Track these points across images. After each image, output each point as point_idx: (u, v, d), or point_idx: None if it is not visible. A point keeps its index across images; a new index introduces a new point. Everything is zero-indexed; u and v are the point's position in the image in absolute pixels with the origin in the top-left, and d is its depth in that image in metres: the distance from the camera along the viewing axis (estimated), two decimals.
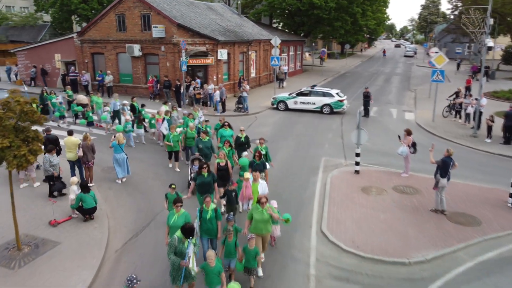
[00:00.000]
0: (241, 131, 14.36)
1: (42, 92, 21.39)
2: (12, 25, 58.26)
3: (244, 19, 37.20)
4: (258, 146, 12.97)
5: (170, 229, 8.35)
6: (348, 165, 15.60)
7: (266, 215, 8.54)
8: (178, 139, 14.54)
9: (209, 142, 13.44)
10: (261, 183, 10.53)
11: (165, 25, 25.43)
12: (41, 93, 21.38)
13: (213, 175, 10.53)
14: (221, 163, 11.54)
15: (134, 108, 19.38)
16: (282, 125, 21.94)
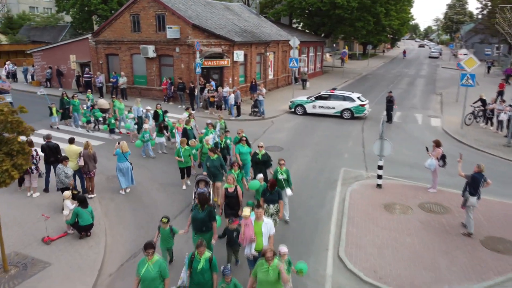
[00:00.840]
0: (260, 147, 12.32)
1: (62, 95, 20.35)
2: (34, 26, 58.86)
3: (262, 19, 36.19)
4: (277, 168, 10.91)
5: (140, 282, 6.87)
6: (370, 177, 14.38)
7: (273, 276, 6.75)
8: (190, 153, 13.02)
9: (217, 161, 11.68)
10: (266, 223, 8.24)
11: (180, 26, 24.64)
12: (61, 97, 20.39)
13: (211, 212, 8.54)
14: (229, 189, 9.73)
15: (157, 115, 18.11)
16: (299, 131, 20.82)
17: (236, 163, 11.41)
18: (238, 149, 12.96)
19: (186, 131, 15.39)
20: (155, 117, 18.15)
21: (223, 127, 15.85)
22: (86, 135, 19.11)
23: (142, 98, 26.99)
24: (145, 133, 16.05)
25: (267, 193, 9.76)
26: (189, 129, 15.45)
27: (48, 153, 12.36)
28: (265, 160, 12.15)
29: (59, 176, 11.11)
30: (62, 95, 20.38)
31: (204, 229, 8.50)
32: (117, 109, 19.49)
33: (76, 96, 20.59)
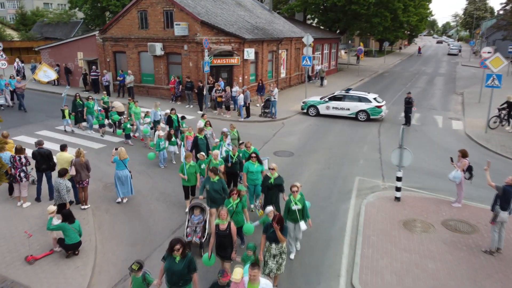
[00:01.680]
0: (272, 170, 10.18)
1: (75, 97, 19.06)
2: (46, 22, 58.71)
3: (275, 16, 35.02)
4: (290, 197, 8.97)
5: None
6: (387, 188, 13.24)
7: None
8: (195, 170, 11.18)
9: (219, 184, 9.80)
10: (263, 285, 6.43)
11: (188, 23, 23.70)
12: (74, 99, 19.08)
13: (190, 262, 6.80)
14: (221, 226, 7.86)
15: (170, 121, 16.47)
16: (312, 134, 19.70)
17: (236, 191, 9.09)
18: (246, 168, 11.09)
19: (197, 141, 13.50)
20: (169, 123, 16.55)
21: (236, 137, 14.44)
22: (100, 140, 18.01)
23: (150, 97, 26.28)
24: (160, 141, 14.60)
25: (270, 229, 7.73)
26: (201, 139, 13.56)
27: (40, 160, 11.53)
28: (278, 185, 10.15)
29: (59, 191, 10.10)
30: (75, 97, 19.14)
31: (181, 283, 6.81)
32: (133, 113, 17.80)
33: (92, 98, 19.04)
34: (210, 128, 15.33)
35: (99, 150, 16.62)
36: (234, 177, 12.02)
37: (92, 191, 12.66)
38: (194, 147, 13.49)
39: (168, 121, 16.59)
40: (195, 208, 9.42)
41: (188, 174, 11.05)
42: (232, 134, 14.33)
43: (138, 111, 18.05)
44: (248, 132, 19.53)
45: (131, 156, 15.74)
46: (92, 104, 18.80)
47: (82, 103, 18.86)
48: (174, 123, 16.46)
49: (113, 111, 18.60)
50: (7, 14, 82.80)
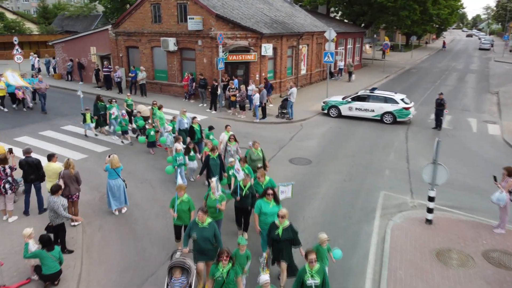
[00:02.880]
0: (281, 218, 7.70)
1: (97, 99, 17.54)
2: (67, 16, 58.51)
3: (296, 9, 33.30)
4: (305, 267, 6.69)
5: None
6: (416, 207, 11.64)
7: None
8: (188, 207, 8.76)
9: (210, 230, 7.59)
10: None
11: (202, 16, 22.36)
12: (95, 101, 17.55)
13: None
14: None
15: (193, 132, 14.40)
16: (332, 138, 18.12)
17: (225, 253, 6.66)
18: (259, 208, 8.56)
19: (208, 162, 11.26)
20: (191, 134, 14.50)
21: (259, 157, 11.52)
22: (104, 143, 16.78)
23: (163, 94, 25.20)
24: (177, 155, 12.26)
25: None
26: (213, 159, 11.18)
27: (28, 170, 10.44)
28: (288, 239, 7.73)
29: (56, 211, 8.73)
30: (97, 99, 17.58)
31: None
32: (158, 118, 16.04)
33: (115, 101, 17.25)
34: (235, 144, 12.71)
35: (102, 154, 15.49)
36: (245, 215, 9.69)
37: (86, 203, 11.58)
38: (204, 169, 11.46)
39: (190, 133, 14.55)
40: (175, 268, 7.16)
41: (179, 211, 8.70)
42: (256, 154, 11.62)
43: (162, 116, 16.22)
44: (263, 134, 18.13)
45: (143, 161, 14.86)
46: (116, 106, 17.09)
47: (104, 106, 17.33)
48: (197, 134, 14.41)
49: (138, 116, 16.62)
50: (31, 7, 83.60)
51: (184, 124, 15.17)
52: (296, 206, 11.43)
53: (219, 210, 8.84)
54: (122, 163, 14.50)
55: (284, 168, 14.37)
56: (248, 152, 11.71)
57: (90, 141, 16.82)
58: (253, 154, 11.57)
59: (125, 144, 16.61)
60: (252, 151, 11.61)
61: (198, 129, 14.39)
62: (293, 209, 11.19)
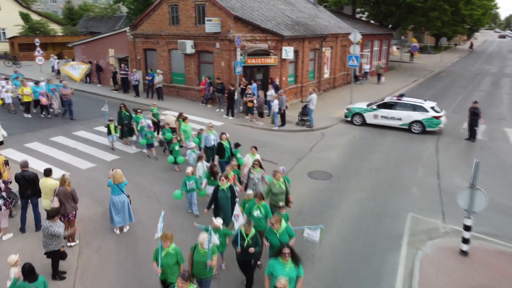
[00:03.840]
0: None
1: (121, 108, 16.24)
2: (92, 17, 58.87)
3: (320, 9, 32.05)
4: None
5: None
6: (449, 233, 10.37)
7: None
8: (176, 260, 7.21)
9: None
10: None
11: (221, 18, 21.48)
12: (119, 110, 16.27)
13: None
14: None
15: (222, 149, 12.70)
16: (355, 149, 16.88)
17: None
18: (270, 269, 6.80)
19: (217, 195, 9.33)
20: (219, 152, 12.80)
21: (282, 190, 9.46)
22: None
23: (180, 98, 24.51)
24: (188, 179, 10.68)
25: None
26: (222, 191, 9.23)
27: (24, 184, 9.75)
28: None
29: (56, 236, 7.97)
30: (120, 108, 16.28)
31: None
32: (182, 131, 14.76)
33: (140, 111, 15.73)
34: (260, 171, 10.55)
35: (111, 163, 14.76)
36: (248, 270, 7.95)
37: (87, 219, 10.85)
38: (211, 202, 9.58)
39: (219, 150, 12.91)
40: None
41: (164, 266, 7.10)
42: (277, 185, 9.47)
43: (188, 130, 14.82)
44: (281, 143, 17.09)
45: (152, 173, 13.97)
46: (142, 117, 15.67)
47: (129, 115, 16.10)
48: (226, 152, 12.66)
49: (167, 128, 15.29)
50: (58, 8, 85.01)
51: (211, 141, 13.60)
52: None
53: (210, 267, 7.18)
54: (130, 173, 13.88)
55: (302, 183, 13.28)
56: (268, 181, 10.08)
57: (100, 149, 16.15)
58: (273, 186, 9.56)
59: (134, 153, 15.87)
60: (273, 182, 9.61)
61: (227, 146, 12.67)
62: None
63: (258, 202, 8.60)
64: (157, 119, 16.90)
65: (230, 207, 9.16)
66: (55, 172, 13.53)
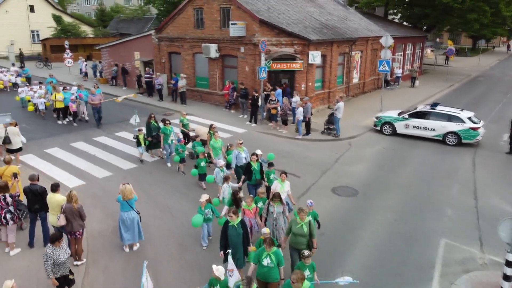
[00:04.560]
0: None
1: (150, 118, 15.28)
2: (122, 18, 59.68)
3: (350, 12, 30.92)
4: None
5: None
6: (487, 265, 9.30)
7: None
8: None
9: None
10: None
11: (246, 22, 20.86)
12: (147, 120, 15.34)
13: None
14: None
15: (249, 170, 11.22)
16: (384, 161, 15.85)
17: None
18: None
19: (226, 231, 8.12)
20: (247, 173, 11.33)
21: (303, 233, 8.07)
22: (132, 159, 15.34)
23: (203, 103, 24.08)
24: (207, 207, 9.58)
25: None
26: (233, 227, 8.03)
27: (31, 198, 9.39)
28: None
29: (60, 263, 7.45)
30: (150, 118, 15.33)
31: None
32: (211, 147, 13.52)
33: (169, 123, 14.86)
34: (280, 205, 9.12)
35: (127, 172, 14.40)
36: None
37: (97, 234, 10.44)
38: (222, 241, 8.25)
39: (246, 170, 11.36)
40: None
41: None
42: (299, 226, 8.06)
43: (218, 145, 13.43)
44: (305, 154, 16.27)
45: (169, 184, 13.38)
46: (170, 130, 14.71)
47: (158, 126, 15.20)
48: (254, 175, 11.17)
49: (198, 140, 14.35)
50: (92, 10, 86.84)
51: (243, 159, 12.34)
52: (333, 253, 9.56)
53: None
54: (146, 183, 13.45)
55: (325, 199, 12.45)
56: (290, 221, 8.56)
57: (118, 156, 15.81)
58: (295, 225, 8.11)
59: (153, 161, 15.44)
60: (296, 220, 8.13)
61: (257, 169, 11.23)
62: (327, 258, 9.35)
63: (268, 249, 7.19)
64: (188, 129, 15.98)
65: (243, 246, 8.12)
66: (71, 181, 13.53)
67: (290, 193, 10.44)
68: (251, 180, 11.21)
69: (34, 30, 47.09)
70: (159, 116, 21.53)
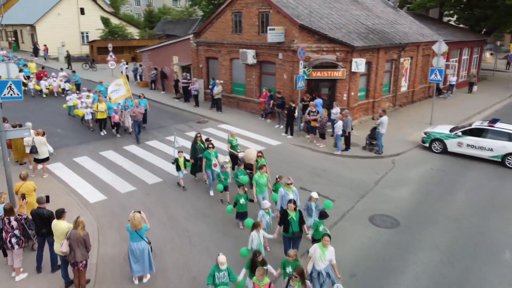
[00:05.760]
0: None
1: (196, 139, 13.72)
2: (169, 20, 60.29)
3: (400, 14, 28.83)
4: None
5: None
6: None
7: None
8: None
9: None
10: None
11: (285, 27, 19.71)
12: (193, 141, 13.92)
13: None
14: None
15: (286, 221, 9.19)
16: (431, 185, 14.14)
17: None
18: None
19: None
20: (282, 221, 9.28)
21: None
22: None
23: (239, 110, 23.21)
24: (217, 270, 7.66)
25: None
26: None
27: (38, 223, 8.84)
28: None
29: None
30: (196, 138, 13.69)
31: None
32: (255, 183, 11.28)
33: (212, 146, 13.00)
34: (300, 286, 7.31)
35: (152, 187, 13.73)
36: None
37: (109, 260, 9.76)
38: None
39: (282, 220, 9.31)
40: None
41: None
42: None
43: (263, 182, 11.20)
44: (343, 174, 14.89)
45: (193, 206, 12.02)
46: (214, 153, 12.89)
47: (205, 147, 13.45)
48: (292, 226, 9.11)
49: (241, 169, 12.19)
50: (141, 11, 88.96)
51: (296, 196, 10.42)
52: None
53: None
54: (168, 200, 12.67)
55: (361, 230, 11.11)
56: None
57: (145, 168, 15.20)
58: None
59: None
60: None
61: (295, 219, 9.15)
62: None
63: None
64: (237, 151, 14.07)
65: None
66: (93, 195, 13.03)
67: (335, 262, 8.01)
68: (287, 232, 9.24)
69: (83, 32, 48.43)
70: (193, 123, 21.17)
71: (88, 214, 11.63)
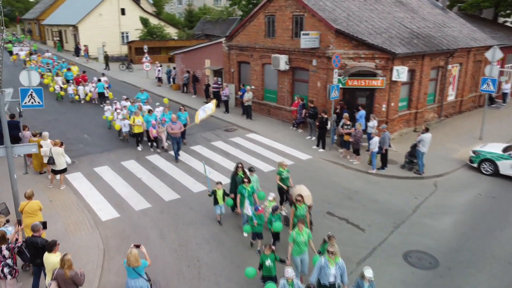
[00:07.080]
0: None
1: (236, 170, 11.77)
2: (208, 19, 60.05)
3: (450, 16, 26.55)
4: None
5: None
6: None
7: None
8: None
9: None
10: None
11: (320, 32, 18.37)
12: (233, 172, 11.95)
13: None
14: None
15: None
16: (480, 215, 12.41)
17: None
18: None
19: None
20: None
21: None
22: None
23: (270, 118, 22.14)
24: None
25: None
26: None
27: (33, 252, 8.17)
28: None
29: None
30: (236, 169, 11.78)
31: None
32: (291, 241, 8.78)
33: (248, 181, 11.08)
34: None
35: (167, 204, 12.92)
36: None
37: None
38: None
39: None
40: None
41: None
42: None
43: (302, 241, 8.71)
44: (376, 197, 13.42)
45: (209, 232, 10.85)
46: (249, 190, 10.92)
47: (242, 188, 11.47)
48: None
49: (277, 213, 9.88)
50: (183, 11, 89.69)
51: (330, 277, 7.80)
52: None
53: None
54: (183, 220, 11.78)
55: (392, 269, 9.71)
56: None
57: (164, 182, 14.44)
58: None
59: (198, 192, 13.72)
60: None
61: None
62: None
63: None
64: (287, 185, 11.68)
65: None
66: (106, 211, 12.36)
67: None
68: None
69: (124, 32, 49.00)
70: (220, 131, 20.27)
71: (97, 235, 10.97)
